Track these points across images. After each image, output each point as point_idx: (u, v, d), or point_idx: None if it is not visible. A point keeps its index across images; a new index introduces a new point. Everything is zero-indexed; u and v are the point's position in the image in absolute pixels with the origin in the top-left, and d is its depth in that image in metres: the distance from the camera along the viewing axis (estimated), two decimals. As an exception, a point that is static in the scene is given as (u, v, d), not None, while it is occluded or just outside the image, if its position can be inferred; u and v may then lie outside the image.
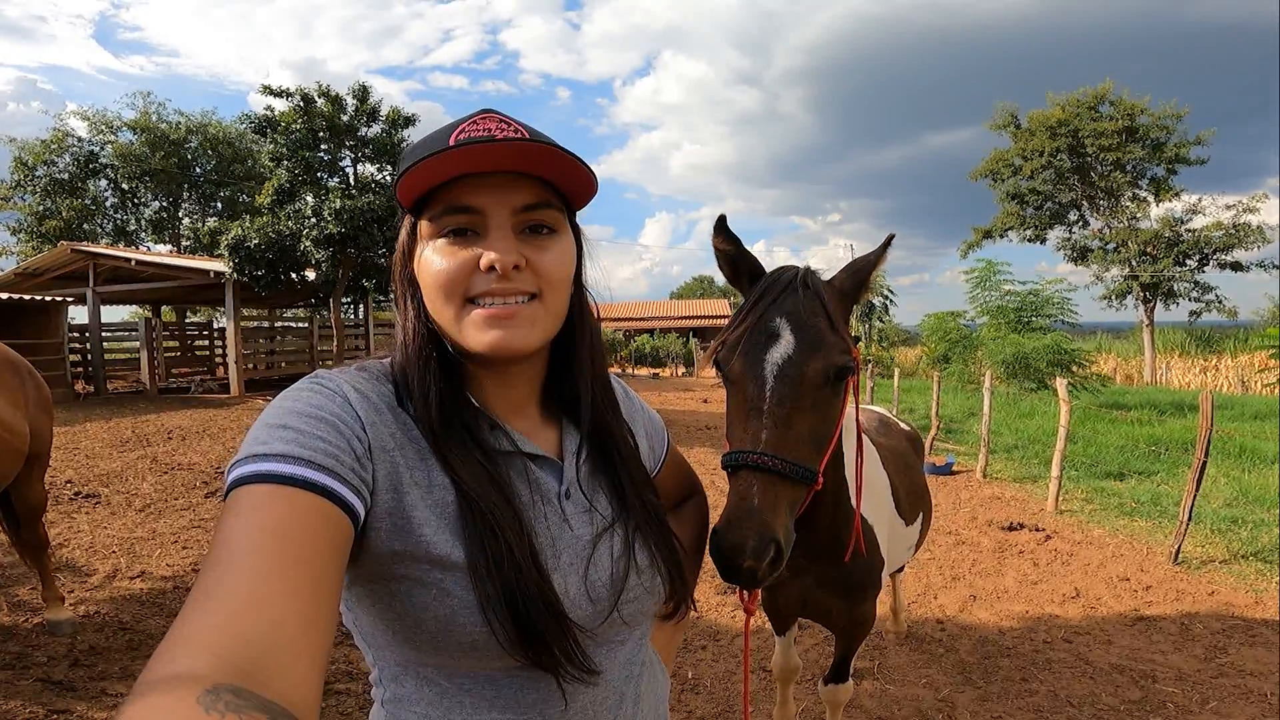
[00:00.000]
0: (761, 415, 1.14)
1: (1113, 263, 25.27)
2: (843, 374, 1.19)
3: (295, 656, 0.48)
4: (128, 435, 9.55)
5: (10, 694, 2.80)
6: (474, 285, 0.71)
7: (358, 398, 0.69)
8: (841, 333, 1.21)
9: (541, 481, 0.77)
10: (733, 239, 1.28)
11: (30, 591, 3.83)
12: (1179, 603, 4.17)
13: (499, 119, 0.73)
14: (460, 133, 0.71)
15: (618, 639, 0.79)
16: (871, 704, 3.01)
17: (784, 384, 1.15)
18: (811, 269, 1.27)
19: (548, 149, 0.71)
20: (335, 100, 13.45)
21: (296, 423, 0.62)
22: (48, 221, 26.06)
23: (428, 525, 0.67)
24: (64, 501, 5.85)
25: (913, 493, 2.44)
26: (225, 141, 29.32)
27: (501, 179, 0.72)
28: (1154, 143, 24.04)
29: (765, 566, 1.00)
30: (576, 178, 0.76)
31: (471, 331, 0.72)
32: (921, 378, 20.13)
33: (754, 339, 1.20)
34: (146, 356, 15.75)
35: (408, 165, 0.70)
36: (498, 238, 0.71)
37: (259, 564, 0.51)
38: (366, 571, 0.68)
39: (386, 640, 0.71)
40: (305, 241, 12.66)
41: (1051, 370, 13.86)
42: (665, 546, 0.82)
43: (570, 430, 0.83)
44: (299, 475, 0.58)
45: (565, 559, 0.74)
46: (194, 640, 0.45)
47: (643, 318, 35.78)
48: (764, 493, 1.06)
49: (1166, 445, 8.80)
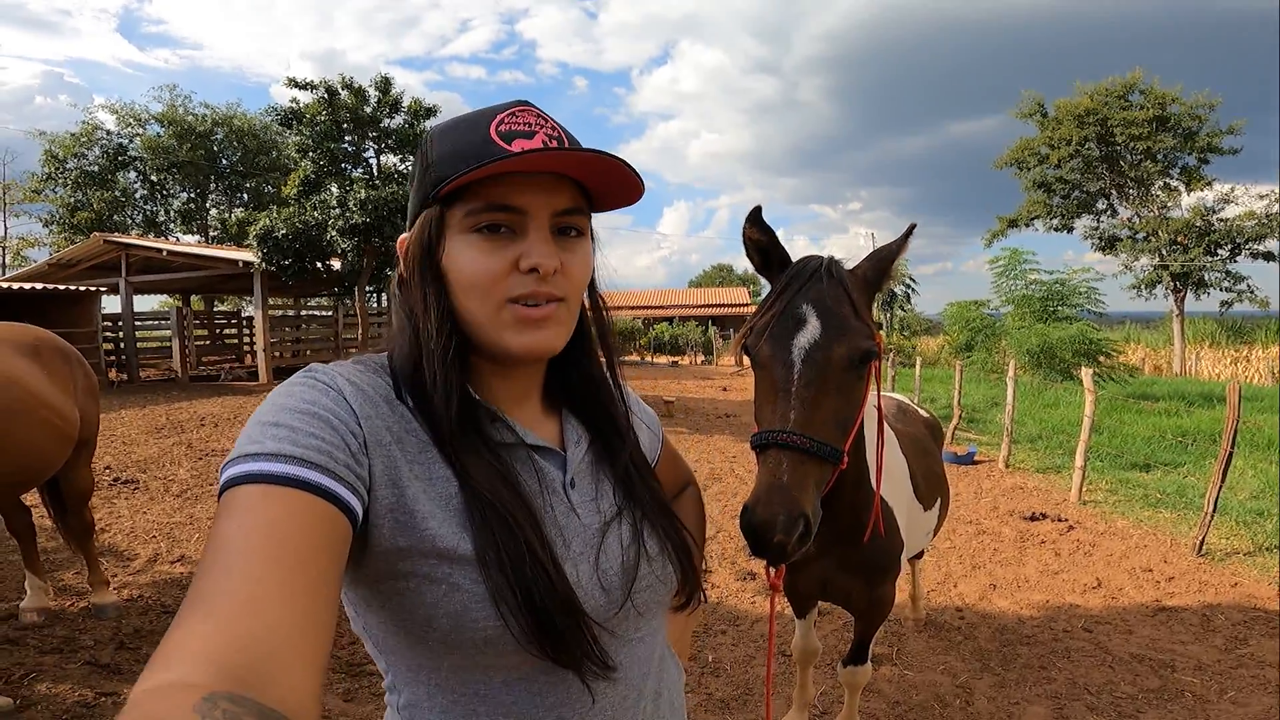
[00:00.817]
0: (789, 397, 1.19)
1: (1142, 252, 24.79)
2: (866, 358, 1.24)
3: (293, 661, 0.48)
4: (162, 422, 9.81)
5: (59, 677, 2.90)
6: (512, 286, 0.71)
7: (353, 391, 0.67)
8: (865, 319, 1.26)
9: (546, 472, 0.76)
10: (766, 230, 1.34)
11: (75, 576, 3.98)
12: (1201, 594, 4.16)
13: (536, 113, 0.74)
14: (500, 124, 0.71)
15: (634, 634, 0.78)
16: (889, 689, 3.06)
17: (810, 367, 1.21)
18: (835, 258, 1.33)
19: (612, 162, 0.71)
20: (358, 92, 13.60)
21: (289, 419, 0.61)
22: (79, 213, 26.57)
23: (433, 518, 0.66)
24: (104, 487, 6.04)
25: (930, 478, 2.49)
26: (250, 133, 29.64)
27: (545, 179, 0.72)
28: (1186, 132, 23.50)
29: (794, 541, 1.04)
30: (621, 186, 0.76)
31: (509, 332, 0.72)
32: (944, 367, 19.96)
33: (781, 325, 1.26)
34: (178, 345, 16.09)
35: (467, 164, 0.69)
36: (538, 239, 0.71)
37: (253, 568, 0.50)
38: (372, 571, 0.67)
39: (398, 644, 0.70)
40: (331, 231, 12.85)
41: (1077, 360, 13.69)
42: (674, 534, 0.82)
43: (571, 421, 0.83)
44: (292, 474, 0.57)
45: (575, 548, 0.73)
46: (189, 647, 0.45)
47: (661, 306, 35.76)
48: (793, 470, 1.11)
49: (1194, 437, 8.70)
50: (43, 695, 2.78)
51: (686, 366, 24.95)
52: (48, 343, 3.12)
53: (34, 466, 2.89)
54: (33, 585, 3.45)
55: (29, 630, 3.31)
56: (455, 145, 0.72)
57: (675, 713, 0.86)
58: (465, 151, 0.70)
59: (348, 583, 0.70)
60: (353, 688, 2.96)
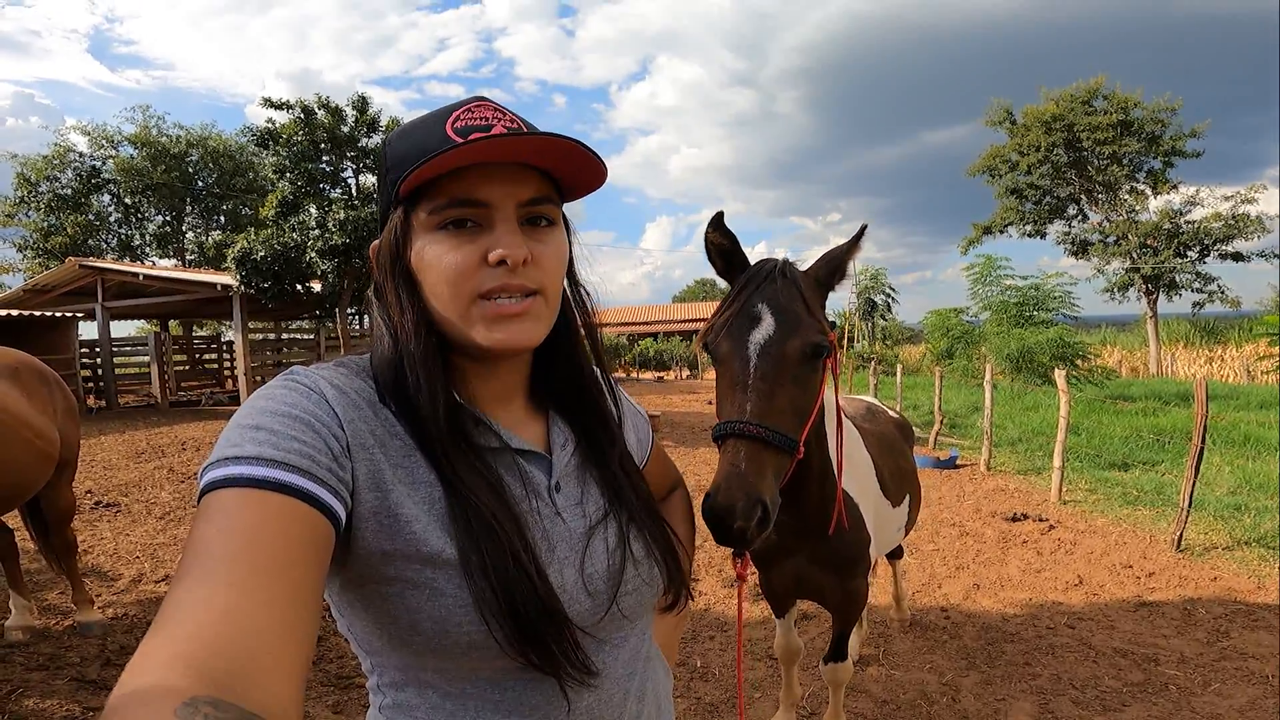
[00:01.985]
0: (746, 389, 1.26)
1: (1113, 255, 25.28)
2: (818, 352, 1.31)
3: (273, 666, 0.47)
4: (143, 447, 9.68)
5: (47, 693, 2.89)
6: (483, 280, 0.69)
7: (335, 394, 0.66)
8: (817, 315, 1.33)
9: (531, 476, 0.75)
10: (728, 234, 1.40)
11: (60, 596, 3.94)
12: (1181, 588, 4.23)
13: (493, 107, 0.73)
14: (456, 120, 0.70)
15: (619, 636, 0.77)
16: (876, 688, 3.09)
17: (765, 361, 1.27)
18: (789, 260, 1.40)
19: (568, 144, 0.69)
20: (335, 111, 13.64)
21: (270, 422, 0.60)
22: (53, 238, 26.19)
23: (417, 522, 0.65)
24: (85, 511, 5.96)
25: (898, 475, 2.55)
26: (226, 154, 29.39)
27: (508, 170, 0.70)
28: (1149, 136, 24.08)
29: (754, 527, 1.08)
30: (584, 169, 0.74)
31: (481, 328, 0.70)
32: (925, 374, 20.17)
33: (738, 322, 1.33)
34: (157, 370, 15.89)
35: (421, 159, 0.67)
36: (505, 231, 0.70)
37: (233, 573, 0.50)
38: (355, 575, 0.66)
39: (383, 645, 0.69)
40: (310, 253, 12.82)
41: (1055, 364, 13.92)
42: (660, 537, 0.81)
43: (558, 422, 0.82)
44: (272, 478, 0.56)
45: (560, 553, 0.72)
46: (168, 652, 0.44)
47: (646, 322, 35.86)
48: (750, 459, 1.17)
49: (1171, 435, 8.85)
50: (30, 710, 2.78)
51: (672, 382, 25.00)
52: (26, 365, 3.12)
53: (16, 486, 2.90)
54: (17, 604, 3.44)
55: (15, 648, 3.30)
56: (412, 145, 0.71)
57: (662, 714, 0.86)
58: (424, 150, 0.69)
59: (333, 586, 0.69)
60: (342, 700, 2.94)
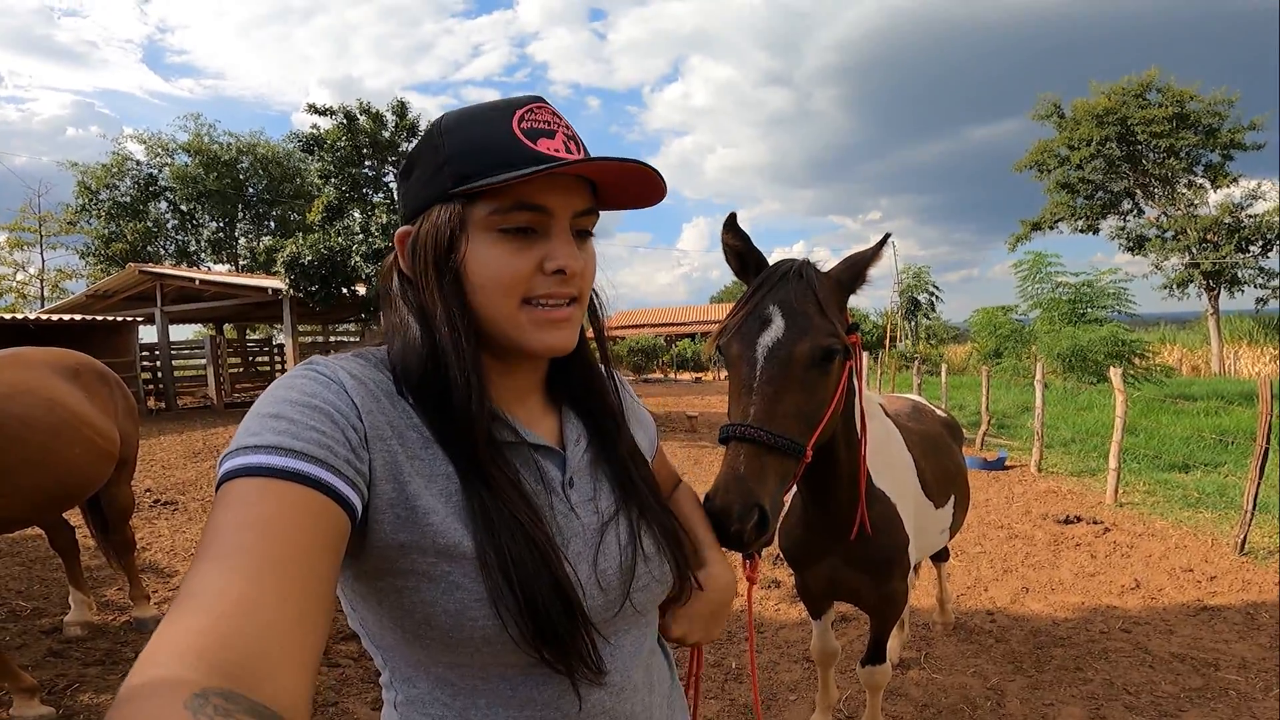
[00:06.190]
0: (753, 392, 1.23)
1: (1172, 251, 24.36)
2: (829, 355, 1.26)
3: (285, 658, 0.47)
4: (199, 447, 10.04)
5: (102, 689, 2.98)
6: (535, 286, 0.71)
7: (354, 384, 0.66)
8: (831, 318, 1.28)
9: (546, 471, 0.76)
10: (741, 235, 1.38)
11: (118, 592, 4.08)
12: (1244, 592, 4.05)
13: (552, 111, 0.74)
14: (521, 120, 0.71)
15: (630, 631, 0.78)
16: (917, 692, 3.02)
17: (773, 364, 1.24)
18: (809, 261, 1.36)
19: (645, 171, 0.72)
20: (376, 117, 13.93)
21: (289, 412, 0.60)
22: (114, 244, 27.29)
23: (434, 514, 0.65)
24: (144, 509, 6.19)
25: (942, 476, 2.45)
26: (274, 161, 30.29)
27: (567, 180, 0.72)
28: (1207, 129, 23.13)
29: (750, 530, 1.04)
30: (639, 187, 0.77)
31: (532, 332, 0.72)
32: (972, 374, 19.69)
33: (749, 324, 1.30)
34: (213, 373, 16.48)
35: (491, 159, 0.68)
36: (562, 241, 0.71)
37: (247, 563, 0.50)
38: (371, 567, 0.66)
39: (396, 640, 0.69)
40: (355, 257, 13.12)
41: (1110, 362, 13.46)
42: (670, 533, 0.82)
43: (571, 418, 0.83)
44: (290, 468, 0.56)
45: (574, 548, 0.73)
46: (180, 643, 0.44)
47: (683, 323, 35.81)
48: (750, 462, 1.13)
49: (1234, 435, 8.47)
50: (85, 706, 2.86)
51: (710, 382, 24.90)
52: (87, 366, 3.24)
53: (77, 484, 2.99)
54: (76, 600, 3.56)
55: (73, 643, 3.40)
56: (476, 140, 0.70)
57: (672, 704, 0.87)
58: (491, 147, 0.69)
59: (345, 578, 0.69)
60: (381, 697, 2.99)
